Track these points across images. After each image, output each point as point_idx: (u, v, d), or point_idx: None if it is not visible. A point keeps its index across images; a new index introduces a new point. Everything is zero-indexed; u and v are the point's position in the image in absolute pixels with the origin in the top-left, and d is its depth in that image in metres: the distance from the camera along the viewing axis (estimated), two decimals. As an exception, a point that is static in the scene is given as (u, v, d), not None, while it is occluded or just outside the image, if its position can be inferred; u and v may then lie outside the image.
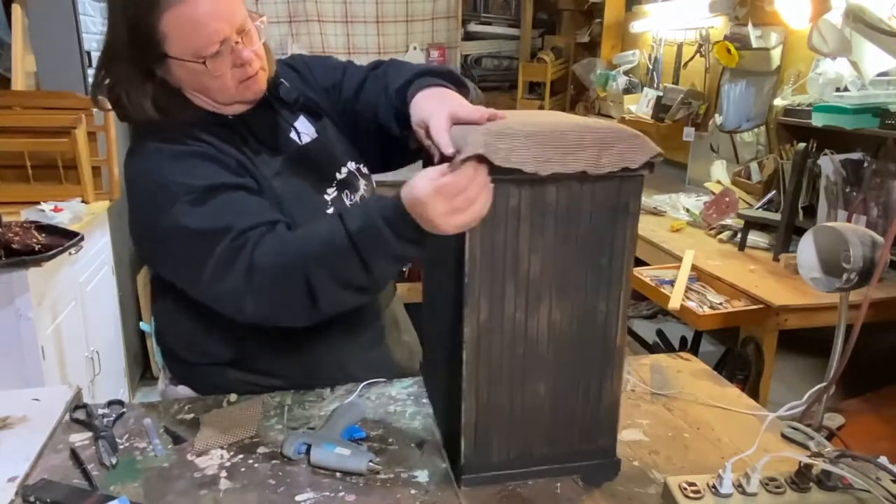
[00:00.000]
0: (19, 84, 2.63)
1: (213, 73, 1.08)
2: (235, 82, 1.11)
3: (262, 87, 1.16)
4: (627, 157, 0.89)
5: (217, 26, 1.05)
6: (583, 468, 1.02)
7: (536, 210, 0.90)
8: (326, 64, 1.34)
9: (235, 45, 1.08)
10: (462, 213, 0.86)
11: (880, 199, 2.18)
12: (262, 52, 1.14)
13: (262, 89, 1.16)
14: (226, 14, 1.06)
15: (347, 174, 1.26)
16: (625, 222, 0.93)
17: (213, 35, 1.05)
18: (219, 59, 1.07)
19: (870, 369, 1.91)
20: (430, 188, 0.86)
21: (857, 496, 0.93)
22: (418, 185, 0.88)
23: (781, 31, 2.70)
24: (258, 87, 1.15)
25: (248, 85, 1.12)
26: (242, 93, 1.13)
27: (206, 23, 1.04)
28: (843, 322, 1.09)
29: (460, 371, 0.94)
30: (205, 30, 1.04)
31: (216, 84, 1.10)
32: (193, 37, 1.05)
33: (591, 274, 0.95)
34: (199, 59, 1.06)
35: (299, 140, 1.23)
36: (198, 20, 1.04)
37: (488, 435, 0.98)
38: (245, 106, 1.17)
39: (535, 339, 0.95)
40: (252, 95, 1.15)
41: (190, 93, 1.14)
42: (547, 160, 0.86)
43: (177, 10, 1.03)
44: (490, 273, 0.90)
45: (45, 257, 1.93)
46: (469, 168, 0.85)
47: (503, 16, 4.51)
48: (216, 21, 1.05)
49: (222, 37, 1.06)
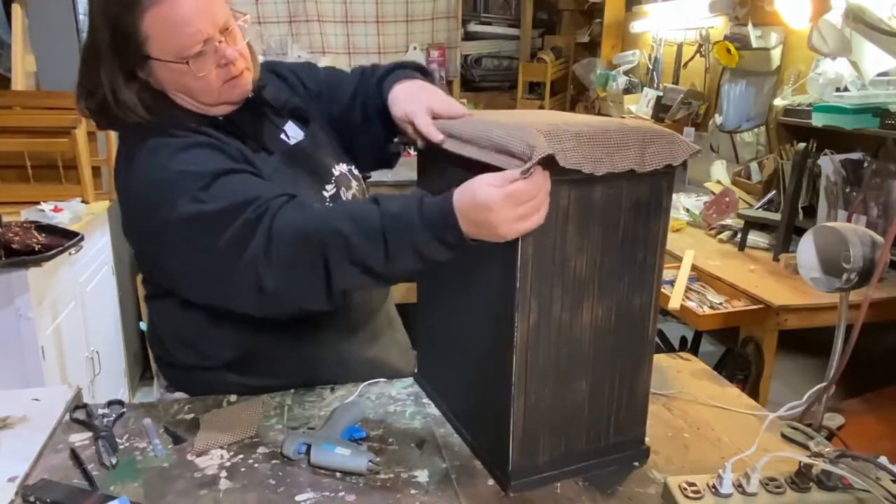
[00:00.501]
0: (19, 84, 2.63)
1: (197, 72, 1.06)
2: (220, 82, 1.09)
3: (248, 87, 1.15)
4: (668, 154, 0.91)
5: (199, 26, 1.04)
6: (617, 460, 1.04)
7: (584, 210, 0.91)
8: (311, 70, 1.34)
9: (219, 44, 1.06)
10: (526, 220, 0.86)
11: (880, 199, 2.18)
12: (246, 51, 1.13)
13: (247, 89, 1.15)
14: (208, 13, 1.05)
15: (340, 173, 1.26)
16: (658, 217, 0.96)
17: (196, 35, 1.04)
18: (202, 59, 1.06)
19: (870, 369, 1.91)
20: (499, 195, 0.85)
21: (857, 496, 0.93)
22: (482, 192, 0.87)
23: (781, 31, 2.70)
24: (243, 86, 1.13)
25: (234, 84, 1.11)
26: (228, 92, 1.12)
27: (188, 22, 1.03)
28: (843, 322, 1.09)
29: (506, 375, 0.94)
30: (187, 29, 1.03)
31: (200, 84, 1.08)
32: (175, 37, 1.03)
33: (629, 270, 0.96)
34: (181, 59, 1.05)
35: (289, 141, 1.23)
36: (179, 20, 1.03)
37: (535, 438, 0.98)
38: (231, 107, 1.16)
39: (578, 338, 0.96)
40: (237, 96, 1.14)
41: (173, 94, 1.12)
42: (598, 160, 0.87)
43: (157, 10, 1.02)
44: (539, 275, 0.91)
45: (45, 257, 1.93)
46: (540, 175, 0.85)
47: (503, 16, 4.52)
48: (198, 20, 1.03)
49: (205, 36, 1.04)
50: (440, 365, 1.21)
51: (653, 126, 0.95)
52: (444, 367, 1.19)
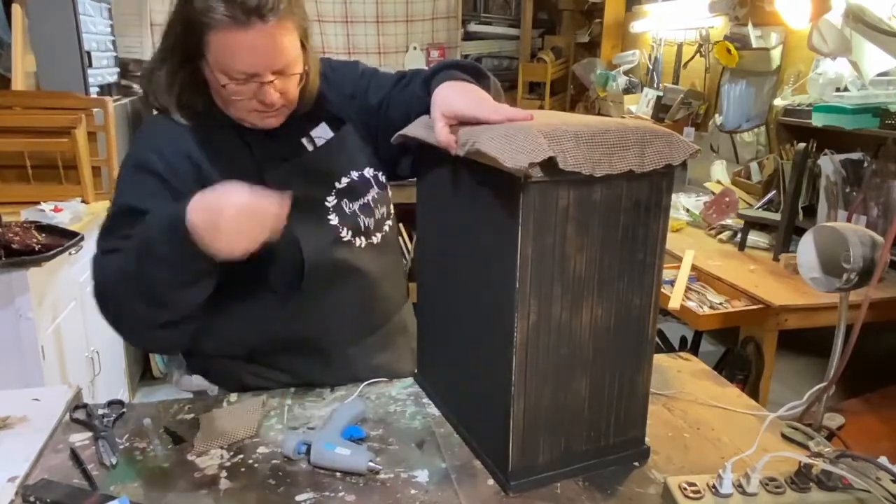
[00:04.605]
0: (19, 84, 2.63)
1: (232, 95, 1.09)
2: (249, 110, 1.13)
3: (277, 124, 1.17)
4: (667, 154, 0.91)
5: (252, 61, 1.06)
6: (617, 460, 1.04)
7: (583, 211, 0.91)
8: (353, 69, 1.34)
9: (265, 84, 1.08)
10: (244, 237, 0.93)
11: (880, 199, 2.18)
12: (292, 93, 1.14)
13: (275, 125, 1.17)
14: (266, 55, 1.06)
15: (349, 182, 1.25)
16: (658, 216, 0.95)
17: (247, 68, 1.06)
18: (243, 86, 1.08)
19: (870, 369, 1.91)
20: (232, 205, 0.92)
21: (857, 496, 0.93)
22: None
23: (781, 31, 2.70)
24: (272, 123, 1.16)
25: (263, 118, 1.14)
26: (252, 120, 1.15)
27: (243, 56, 1.05)
28: (843, 322, 1.09)
29: (506, 375, 0.94)
30: (240, 60, 1.06)
31: (232, 103, 1.12)
32: (227, 60, 1.06)
33: (628, 270, 0.96)
34: (225, 77, 1.08)
35: (308, 147, 1.24)
36: (236, 49, 1.05)
37: (535, 438, 0.98)
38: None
39: (578, 337, 0.96)
40: (263, 126, 1.16)
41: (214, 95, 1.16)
42: (597, 161, 0.87)
43: (224, 31, 1.04)
44: (539, 275, 0.90)
45: (45, 257, 1.93)
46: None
47: (503, 16, 4.51)
48: (253, 57, 1.06)
49: (253, 71, 1.07)
50: (440, 365, 1.21)
51: (652, 126, 0.95)
52: (444, 367, 1.19)
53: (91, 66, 2.90)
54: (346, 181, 1.25)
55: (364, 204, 1.26)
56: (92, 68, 2.91)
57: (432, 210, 1.16)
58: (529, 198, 0.86)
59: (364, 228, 1.26)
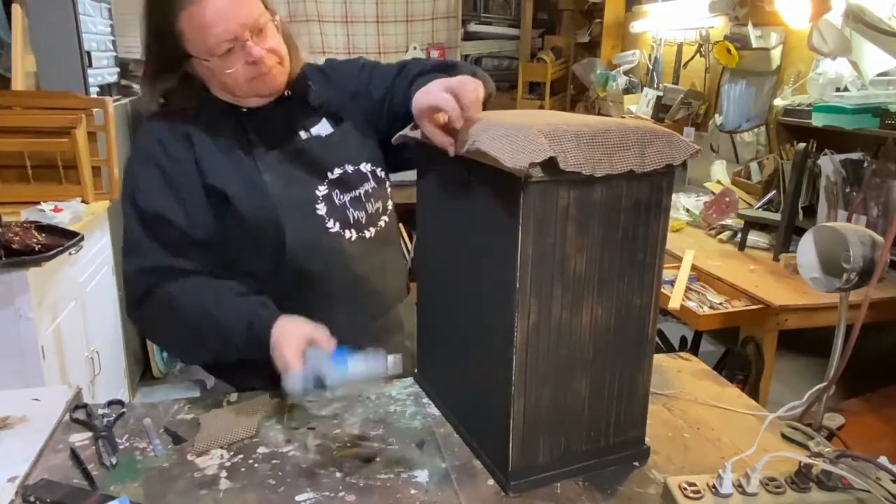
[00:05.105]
0: (19, 84, 2.63)
1: (224, 69, 1.13)
2: (247, 78, 1.15)
3: (279, 83, 1.20)
4: (668, 154, 0.91)
5: (226, 26, 1.09)
6: (617, 460, 1.04)
7: (584, 211, 0.91)
8: (354, 66, 1.37)
9: (247, 43, 1.12)
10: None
11: (880, 199, 2.18)
12: (279, 48, 1.17)
13: (278, 85, 1.20)
14: (235, 13, 1.10)
15: (342, 174, 1.26)
16: (658, 216, 0.96)
17: (223, 34, 1.10)
18: (230, 57, 1.12)
19: (870, 369, 1.91)
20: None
21: (857, 496, 0.93)
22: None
23: (781, 31, 2.70)
24: (273, 83, 1.19)
25: (262, 81, 1.17)
26: (256, 88, 1.18)
27: (216, 22, 1.09)
28: (843, 322, 1.09)
29: (506, 375, 0.94)
30: (214, 29, 1.09)
31: (229, 80, 1.15)
32: (205, 36, 1.10)
33: (628, 269, 0.96)
34: (211, 56, 1.12)
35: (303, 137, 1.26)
36: (207, 20, 1.09)
37: (535, 438, 0.98)
38: (264, 100, 1.22)
39: (578, 337, 0.96)
40: (267, 90, 1.20)
41: (215, 89, 1.20)
42: (598, 161, 0.87)
43: (189, 11, 1.09)
44: (539, 275, 0.90)
45: (45, 257, 1.93)
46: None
47: (503, 16, 4.52)
48: (225, 21, 1.09)
49: (232, 35, 1.10)
50: (440, 365, 1.21)
51: (653, 126, 0.95)
52: (444, 367, 1.19)
53: (91, 66, 2.90)
54: (339, 172, 1.26)
55: (355, 197, 1.27)
56: (92, 68, 2.91)
57: (432, 210, 1.16)
58: (530, 197, 0.86)
59: (354, 221, 1.26)
